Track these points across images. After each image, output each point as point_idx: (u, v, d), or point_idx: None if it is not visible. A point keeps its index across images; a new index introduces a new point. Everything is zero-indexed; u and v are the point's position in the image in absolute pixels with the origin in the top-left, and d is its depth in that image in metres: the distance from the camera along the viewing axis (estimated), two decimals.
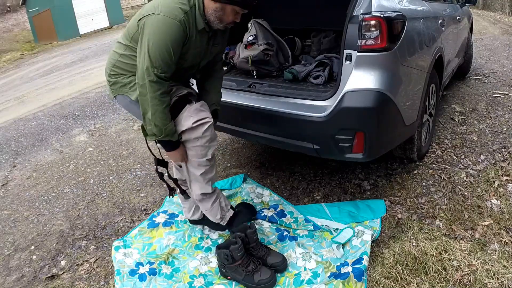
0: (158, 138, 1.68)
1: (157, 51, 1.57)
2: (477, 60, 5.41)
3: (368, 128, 1.89)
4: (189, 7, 1.62)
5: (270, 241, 2.06)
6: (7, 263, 2.14)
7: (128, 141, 3.71)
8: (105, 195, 2.74)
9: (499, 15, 12.76)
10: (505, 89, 4.09)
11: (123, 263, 1.96)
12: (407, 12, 2.07)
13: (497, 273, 1.67)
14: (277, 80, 2.47)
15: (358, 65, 1.85)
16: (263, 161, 2.94)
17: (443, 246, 1.83)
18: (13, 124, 4.89)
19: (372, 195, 2.39)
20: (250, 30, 2.66)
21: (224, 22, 1.69)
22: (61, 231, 2.37)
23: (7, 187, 3.08)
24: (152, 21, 1.58)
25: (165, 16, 1.57)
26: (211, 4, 1.64)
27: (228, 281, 1.84)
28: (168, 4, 1.60)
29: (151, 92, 1.59)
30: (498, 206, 2.16)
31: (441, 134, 3.10)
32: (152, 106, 1.61)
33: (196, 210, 2.11)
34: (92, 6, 19.62)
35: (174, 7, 1.59)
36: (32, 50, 15.92)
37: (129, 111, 1.95)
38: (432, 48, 2.45)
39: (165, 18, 1.57)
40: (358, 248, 1.89)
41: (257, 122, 2.23)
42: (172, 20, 1.57)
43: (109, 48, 10.93)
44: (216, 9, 1.64)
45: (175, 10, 1.58)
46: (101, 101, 5.34)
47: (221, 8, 1.64)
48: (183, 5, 1.61)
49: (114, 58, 1.80)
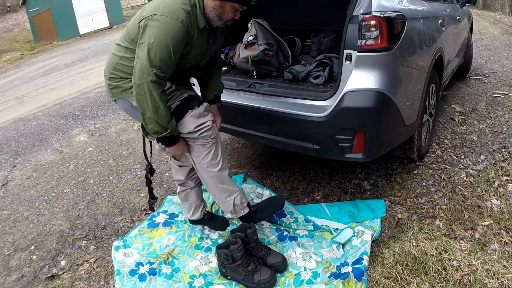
0: (160, 135, 1.68)
1: (158, 52, 1.56)
2: (477, 60, 5.41)
3: (368, 128, 1.89)
4: (190, 6, 1.62)
5: (270, 241, 2.06)
6: (7, 263, 2.14)
7: (128, 141, 3.71)
8: (105, 195, 2.74)
9: (499, 15, 12.76)
10: (505, 89, 4.09)
11: (123, 263, 1.96)
12: (407, 12, 2.07)
13: (497, 273, 1.67)
14: (277, 80, 2.47)
15: (358, 65, 1.85)
16: (263, 161, 2.94)
17: (443, 246, 1.83)
18: (13, 124, 4.89)
19: (372, 195, 2.39)
20: (250, 30, 2.67)
21: (224, 19, 1.70)
22: (61, 231, 2.37)
23: (7, 187, 3.08)
24: (153, 22, 1.57)
25: (166, 17, 1.56)
26: (210, 2, 1.64)
27: (228, 281, 1.84)
28: (169, 4, 1.59)
29: (151, 92, 1.57)
30: (498, 206, 2.16)
31: (441, 134, 3.10)
32: (153, 106, 1.60)
33: (196, 210, 2.11)
34: (92, 6, 19.63)
35: (176, 7, 1.59)
36: (32, 50, 15.93)
37: (129, 115, 1.95)
38: (432, 48, 2.45)
39: (167, 19, 1.56)
40: (358, 248, 1.89)
41: (257, 122, 2.23)
42: (174, 21, 1.56)
43: (109, 48, 10.93)
44: (215, 7, 1.65)
45: (177, 10, 1.58)
46: (101, 101, 5.34)
47: (221, 5, 1.64)
48: (185, 5, 1.61)
49: (114, 61, 1.78)
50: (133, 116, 1.92)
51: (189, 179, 2.05)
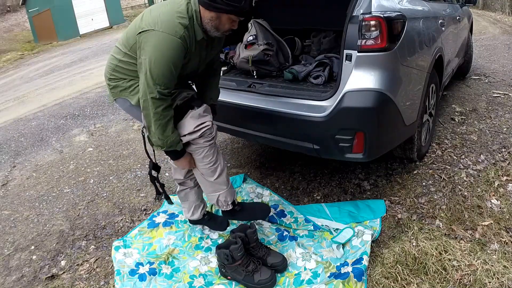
0: (163, 149, 1.73)
1: (159, 69, 1.56)
2: (477, 60, 5.41)
3: (368, 128, 1.89)
4: (188, 20, 1.61)
5: (270, 241, 2.06)
6: (7, 263, 2.14)
7: (128, 141, 3.71)
8: (105, 195, 2.74)
9: (499, 15, 12.77)
10: (505, 89, 4.09)
11: (123, 263, 1.96)
12: (407, 12, 2.07)
13: (497, 273, 1.67)
14: (277, 80, 2.47)
15: (358, 65, 1.85)
16: (263, 161, 2.94)
17: (443, 246, 1.83)
18: (13, 124, 4.89)
19: (372, 195, 2.39)
20: (250, 30, 2.67)
21: (221, 30, 1.69)
22: (61, 231, 2.37)
23: (7, 187, 3.08)
24: (152, 38, 1.56)
25: (165, 33, 1.55)
26: (206, 13, 1.63)
27: (228, 281, 1.84)
28: (168, 19, 1.58)
29: (154, 108, 1.60)
30: (498, 206, 2.16)
31: (441, 134, 3.10)
32: (155, 121, 1.62)
33: (195, 210, 2.11)
34: (92, 6, 19.64)
35: (174, 22, 1.57)
36: (32, 50, 15.94)
37: (130, 114, 1.97)
38: (432, 48, 2.45)
39: (165, 35, 1.55)
40: (358, 248, 1.89)
41: (257, 122, 2.23)
42: (173, 37, 1.55)
43: (109, 48, 10.95)
44: (211, 18, 1.64)
45: (175, 26, 1.57)
46: (101, 101, 5.34)
47: (217, 16, 1.63)
48: (183, 19, 1.59)
49: (113, 63, 1.80)
50: (133, 115, 1.93)
51: (188, 179, 2.05)
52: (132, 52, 1.70)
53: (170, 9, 1.61)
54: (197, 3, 1.63)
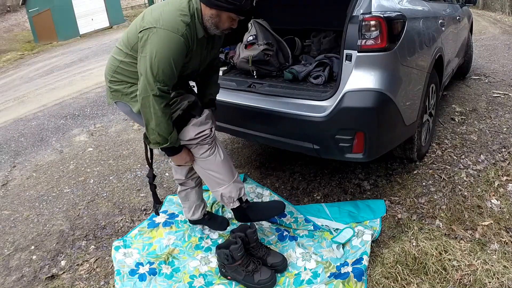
0: (162, 146, 1.71)
1: (160, 66, 1.56)
2: (477, 60, 5.41)
3: (368, 128, 1.89)
4: (190, 18, 1.61)
5: (270, 241, 2.06)
6: (7, 263, 2.14)
7: (128, 141, 3.71)
8: (105, 195, 2.74)
9: (499, 15, 12.77)
10: (505, 89, 4.09)
11: (123, 263, 1.96)
12: (407, 12, 2.07)
13: (497, 273, 1.67)
14: (277, 80, 2.47)
15: (358, 65, 1.85)
16: (263, 161, 2.94)
17: (443, 246, 1.83)
18: (13, 124, 4.89)
19: (372, 195, 2.39)
20: (250, 30, 2.67)
21: (221, 28, 1.69)
22: (61, 231, 2.37)
23: (7, 187, 3.08)
24: (154, 35, 1.56)
25: (167, 31, 1.55)
26: (207, 11, 1.64)
27: (228, 281, 1.84)
28: (169, 17, 1.58)
29: (154, 105, 1.60)
30: (498, 206, 2.16)
31: (441, 134, 3.10)
32: (156, 118, 1.62)
33: (196, 210, 2.11)
34: (92, 6, 19.64)
35: (176, 20, 1.58)
36: (32, 50, 15.93)
37: (130, 118, 1.97)
38: (432, 48, 2.45)
39: (167, 32, 1.55)
40: (358, 248, 1.89)
41: (257, 122, 2.23)
42: (174, 35, 1.56)
43: (109, 48, 10.96)
44: (212, 16, 1.64)
45: (177, 23, 1.57)
46: (101, 101, 5.34)
47: (217, 14, 1.64)
48: (184, 16, 1.60)
49: (115, 64, 1.79)
50: (133, 119, 1.94)
51: (189, 179, 2.05)
52: (133, 52, 1.69)
53: (172, 7, 1.61)
54: (198, 1, 1.64)
